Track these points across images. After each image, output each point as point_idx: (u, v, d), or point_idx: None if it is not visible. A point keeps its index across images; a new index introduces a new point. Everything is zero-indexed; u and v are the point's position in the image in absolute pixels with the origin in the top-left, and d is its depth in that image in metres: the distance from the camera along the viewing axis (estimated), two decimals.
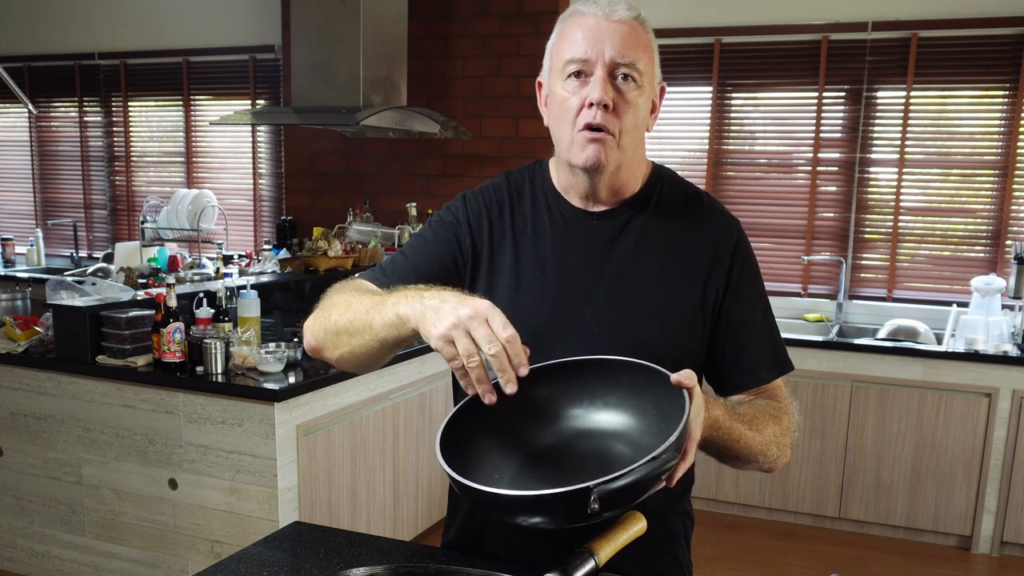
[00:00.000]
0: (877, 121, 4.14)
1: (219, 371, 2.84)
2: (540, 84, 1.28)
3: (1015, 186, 3.97)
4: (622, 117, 1.18)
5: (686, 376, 1.03)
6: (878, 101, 4.13)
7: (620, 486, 0.92)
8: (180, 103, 5.43)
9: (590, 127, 1.17)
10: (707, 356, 1.30)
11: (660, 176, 1.32)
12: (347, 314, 1.18)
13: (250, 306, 3.11)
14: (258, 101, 5.20)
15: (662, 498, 1.30)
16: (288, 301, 3.78)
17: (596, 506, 0.92)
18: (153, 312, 2.91)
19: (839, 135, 4.21)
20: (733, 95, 4.37)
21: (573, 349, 1.18)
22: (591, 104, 1.16)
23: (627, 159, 1.23)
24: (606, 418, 1.13)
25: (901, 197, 4.15)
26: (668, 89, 1.30)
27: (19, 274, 5.27)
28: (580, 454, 1.12)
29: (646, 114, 1.22)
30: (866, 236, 4.24)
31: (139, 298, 3.12)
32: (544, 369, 1.15)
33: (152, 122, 5.63)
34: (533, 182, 1.34)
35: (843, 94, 4.17)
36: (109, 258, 5.12)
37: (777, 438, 1.24)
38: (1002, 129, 3.97)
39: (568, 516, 0.96)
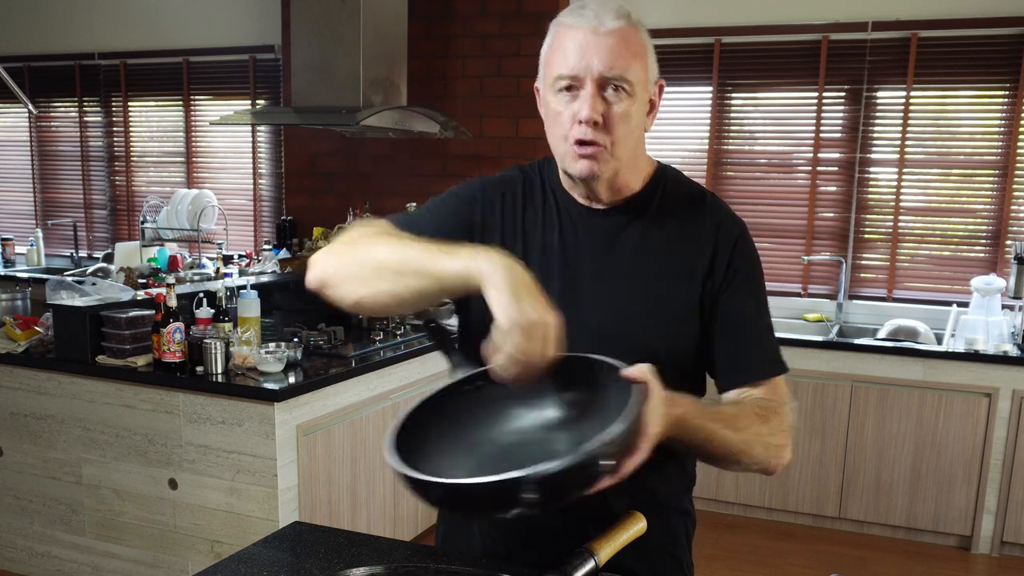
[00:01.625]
0: (877, 121, 4.14)
1: (219, 371, 2.84)
2: (537, 89, 1.29)
3: (1015, 186, 3.97)
4: (613, 129, 1.18)
5: (638, 371, 1.02)
6: (878, 101, 4.13)
7: (551, 476, 0.90)
8: (180, 103, 5.43)
9: (581, 142, 1.19)
10: (704, 353, 1.30)
11: (664, 175, 1.33)
12: (393, 253, 1.13)
13: (250, 306, 3.11)
14: (258, 101, 5.20)
15: (663, 498, 1.31)
16: (288, 301, 3.78)
17: (532, 496, 0.90)
18: (153, 312, 2.91)
19: (839, 135, 4.21)
20: (733, 95, 4.36)
21: (572, 344, 1.18)
22: (580, 121, 1.17)
23: (623, 165, 1.23)
24: (566, 414, 1.13)
25: (901, 197, 4.15)
26: (668, 89, 1.30)
27: (19, 274, 5.27)
28: (537, 450, 1.10)
29: (641, 118, 1.23)
30: (866, 236, 4.24)
31: (139, 298, 3.12)
32: None
33: (152, 122, 5.63)
34: (543, 177, 1.36)
35: (843, 94, 4.17)
36: (109, 258, 5.12)
37: (762, 437, 1.21)
38: (1002, 129, 3.97)
39: (506, 507, 0.94)
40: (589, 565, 1.06)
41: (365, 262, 1.15)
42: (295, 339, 3.19)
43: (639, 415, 0.98)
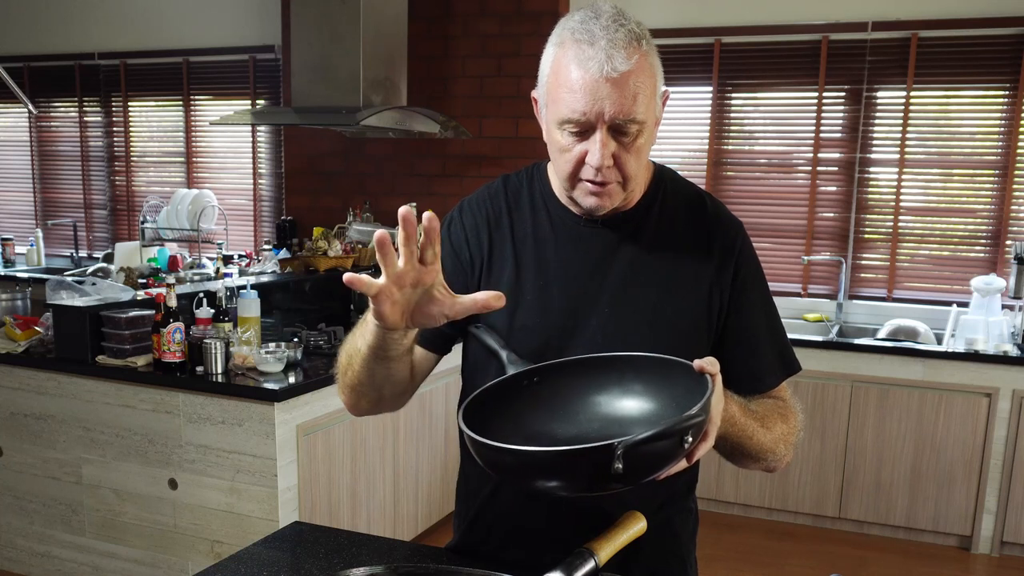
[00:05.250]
0: (877, 121, 4.14)
1: (219, 371, 2.84)
2: (534, 99, 1.23)
3: (1015, 186, 3.97)
4: (624, 167, 1.15)
5: (709, 362, 1.03)
6: (878, 101, 4.13)
7: (644, 441, 0.92)
8: (180, 103, 5.43)
9: (591, 182, 1.16)
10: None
11: (662, 179, 1.30)
12: (344, 357, 1.26)
13: (250, 306, 3.11)
14: (258, 101, 5.20)
15: (665, 497, 1.31)
16: (288, 301, 3.78)
17: (619, 466, 0.91)
18: (153, 312, 2.91)
19: (839, 135, 4.21)
20: (733, 95, 4.36)
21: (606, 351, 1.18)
22: (592, 165, 1.14)
23: (632, 191, 1.22)
24: (627, 408, 1.14)
25: (901, 197, 4.15)
26: (669, 89, 1.27)
27: (19, 274, 5.27)
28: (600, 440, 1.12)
29: (650, 143, 1.19)
30: (866, 236, 4.24)
31: (139, 298, 3.12)
32: (567, 364, 1.16)
33: (152, 122, 5.63)
34: (532, 188, 1.31)
35: (843, 94, 4.17)
36: (109, 258, 5.11)
37: (785, 436, 1.25)
38: (1002, 129, 3.97)
39: (589, 478, 0.96)
40: (589, 565, 1.06)
41: (347, 381, 1.26)
42: (295, 339, 3.19)
43: (710, 402, 1.00)
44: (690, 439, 0.97)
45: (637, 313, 1.24)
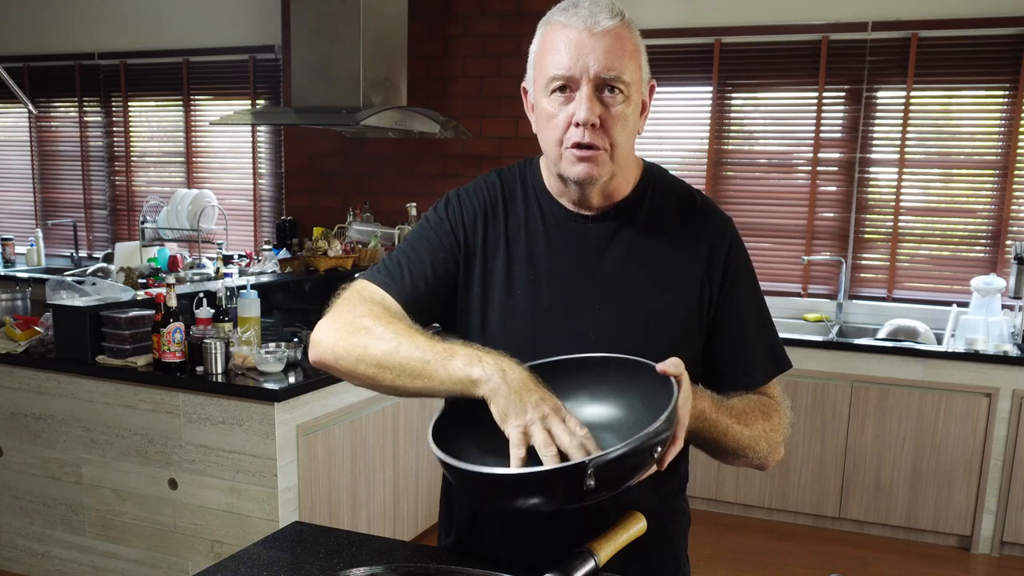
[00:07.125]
0: (877, 121, 4.14)
1: (219, 371, 2.84)
2: (525, 90, 1.26)
3: (1015, 186, 3.97)
4: (611, 131, 1.16)
5: (672, 364, 1.04)
6: (878, 101, 4.13)
7: (615, 459, 0.94)
8: (180, 103, 5.43)
9: (579, 145, 1.16)
10: (705, 358, 1.29)
11: (651, 175, 1.31)
12: (392, 352, 1.12)
13: (250, 306, 3.11)
14: (258, 101, 5.20)
15: (658, 499, 1.31)
16: (288, 301, 3.78)
17: (592, 483, 0.93)
18: (153, 312, 2.91)
19: (839, 135, 4.21)
20: (733, 95, 4.36)
21: (569, 354, 1.18)
22: (578, 124, 1.15)
23: (620, 168, 1.22)
24: (594, 413, 1.14)
25: (901, 197, 4.15)
26: (668, 89, 1.29)
27: (19, 274, 5.27)
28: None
29: (636, 120, 1.20)
30: (866, 236, 4.24)
31: (139, 298, 3.12)
32: (533, 368, 1.15)
33: (152, 122, 5.63)
34: (525, 183, 1.32)
35: (843, 94, 4.17)
36: (109, 258, 5.12)
37: (767, 434, 1.24)
38: (1002, 129, 3.97)
39: (564, 495, 0.97)
40: (589, 565, 1.06)
41: (362, 357, 1.14)
42: (295, 339, 3.18)
43: (677, 409, 1.01)
44: (660, 449, 0.99)
45: (628, 309, 1.24)
